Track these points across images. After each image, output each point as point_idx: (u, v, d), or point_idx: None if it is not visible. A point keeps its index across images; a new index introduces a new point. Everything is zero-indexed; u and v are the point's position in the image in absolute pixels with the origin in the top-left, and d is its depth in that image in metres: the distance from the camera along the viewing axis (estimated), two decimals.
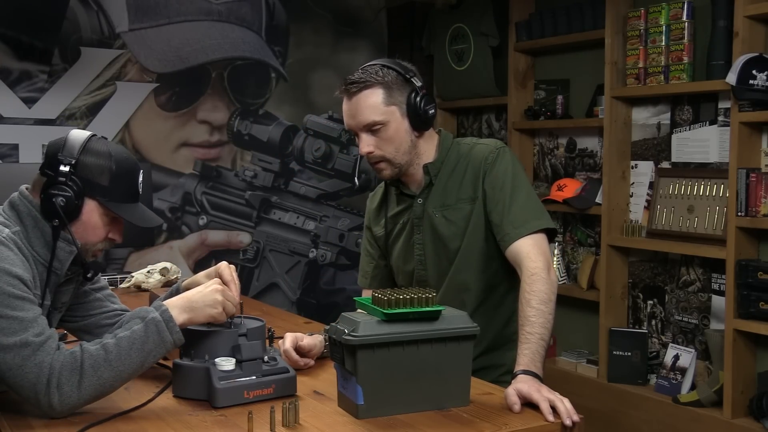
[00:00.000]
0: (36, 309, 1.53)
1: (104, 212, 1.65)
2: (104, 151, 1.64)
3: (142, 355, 1.54)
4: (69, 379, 1.49)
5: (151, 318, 1.57)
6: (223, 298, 1.65)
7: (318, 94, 4.34)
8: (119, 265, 3.76)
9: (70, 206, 1.60)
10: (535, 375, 1.62)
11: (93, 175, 1.62)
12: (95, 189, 1.62)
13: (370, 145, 1.90)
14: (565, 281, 3.83)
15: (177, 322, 1.58)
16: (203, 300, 1.63)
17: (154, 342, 1.55)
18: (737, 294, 2.92)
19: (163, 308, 1.59)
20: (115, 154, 1.65)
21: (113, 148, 1.66)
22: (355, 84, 1.88)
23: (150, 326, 1.56)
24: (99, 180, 1.62)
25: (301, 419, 1.50)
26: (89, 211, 1.63)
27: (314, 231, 4.34)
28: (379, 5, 4.52)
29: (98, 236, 1.66)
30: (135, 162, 1.70)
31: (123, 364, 1.53)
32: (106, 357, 1.51)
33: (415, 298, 1.53)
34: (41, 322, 1.52)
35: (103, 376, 1.51)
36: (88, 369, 1.50)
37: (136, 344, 1.54)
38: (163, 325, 1.56)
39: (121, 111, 3.80)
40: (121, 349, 1.53)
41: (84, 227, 1.64)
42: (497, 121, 4.34)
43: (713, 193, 3.16)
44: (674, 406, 3.14)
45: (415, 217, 2.00)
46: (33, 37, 3.58)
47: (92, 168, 1.62)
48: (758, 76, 2.83)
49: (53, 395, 1.48)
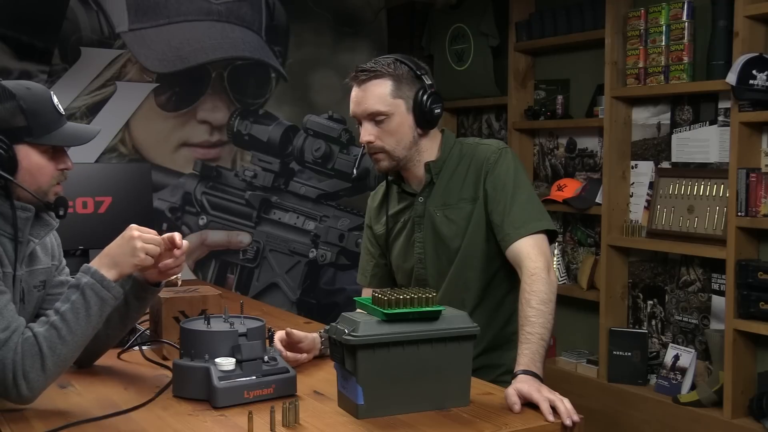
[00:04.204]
0: (2, 299, 1.51)
1: (40, 149, 1.61)
2: (5, 94, 1.57)
3: (88, 320, 1.55)
4: (32, 366, 1.49)
5: (85, 282, 1.56)
6: (142, 244, 1.61)
7: (318, 94, 4.34)
8: None
9: (4, 161, 1.56)
10: (535, 375, 1.62)
11: (7, 122, 1.57)
12: (18, 133, 1.57)
13: (372, 135, 1.91)
14: (565, 281, 3.82)
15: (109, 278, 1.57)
16: (122, 251, 1.61)
17: (96, 304, 1.56)
18: (737, 294, 2.92)
19: (92, 269, 1.58)
20: (17, 90, 1.59)
21: (12, 86, 1.60)
22: (366, 72, 1.90)
23: (87, 291, 1.55)
24: (16, 123, 1.57)
25: (301, 419, 1.50)
26: (25, 156, 1.59)
27: (314, 231, 4.34)
28: (379, 5, 4.53)
29: (47, 174, 1.63)
30: (42, 88, 1.64)
31: (75, 336, 1.53)
32: (58, 334, 1.52)
33: (415, 298, 1.53)
34: (7, 314, 1.51)
35: (62, 353, 1.52)
36: (47, 351, 1.50)
37: (81, 312, 1.54)
38: (99, 286, 1.56)
39: (121, 111, 3.80)
40: (68, 322, 1.53)
41: (30, 173, 1.60)
42: (497, 121, 4.34)
43: (713, 193, 3.16)
44: (674, 406, 3.14)
45: (416, 216, 2.00)
46: (33, 37, 3.58)
47: (3, 116, 1.57)
48: (758, 76, 2.83)
49: (21, 386, 1.49)
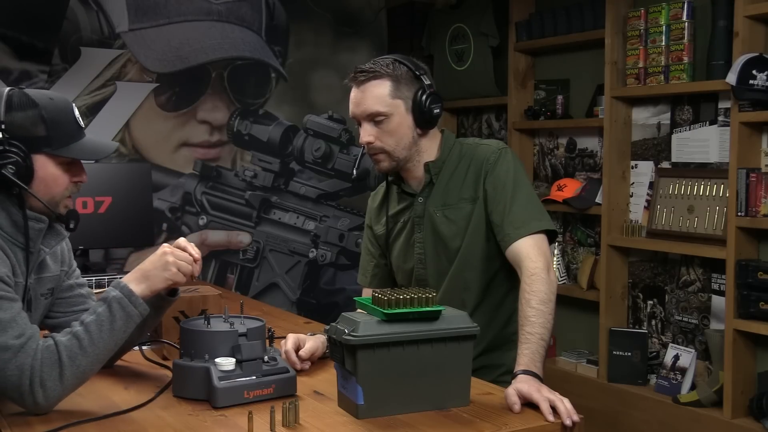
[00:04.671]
0: (15, 307, 1.50)
1: (57, 160, 1.60)
2: (28, 102, 1.56)
3: (112, 334, 1.55)
4: (50, 374, 1.49)
5: (113, 297, 1.56)
6: (174, 259, 1.62)
7: (318, 94, 4.34)
8: (119, 265, 3.76)
9: (21, 170, 1.54)
10: (535, 375, 1.62)
11: (28, 131, 1.55)
12: (37, 143, 1.56)
13: (371, 135, 1.91)
14: (565, 281, 3.82)
15: (137, 293, 1.58)
16: (154, 266, 1.62)
17: (121, 319, 1.55)
18: (737, 294, 2.92)
19: (122, 284, 1.58)
20: (40, 100, 1.58)
21: (35, 95, 1.58)
22: (365, 73, 1.90)
23: (113, 305, 1.55)
24: (36, 132, 1.56)
25: (301, 419, 1.50)
26: (42, 166, 1.58)
27: (314, 231, 4.34)
28: (379, 5, 4.52)
29: (61, 185, 1.62)
30: (64, 100, 1.63)
31: (97, 348, 1.53)
32: (80, 345, 1.51)
33: (415, 298, 1.53)
34: (21, 322, 1.49)
35: (82, 364, 1.51)
36: (66, 361, 1.50)
37: (105, 326, 1.54)
38: (126, 300, 1.56)
39: (121, 111, 3.80)
40: (92, 333, 1.53)
41: (44, 183, 1.59)
42: (497, 121, 4.34)
43: (713, 193, 3.16)
44: (674, 406, 3.14)
45: (416, 216, 2.00)
46: (33, 37, 3.58)
47: (24, 124, 1.55)
48: (758, 76, 2.83)
49: (37, 393, 1.48)
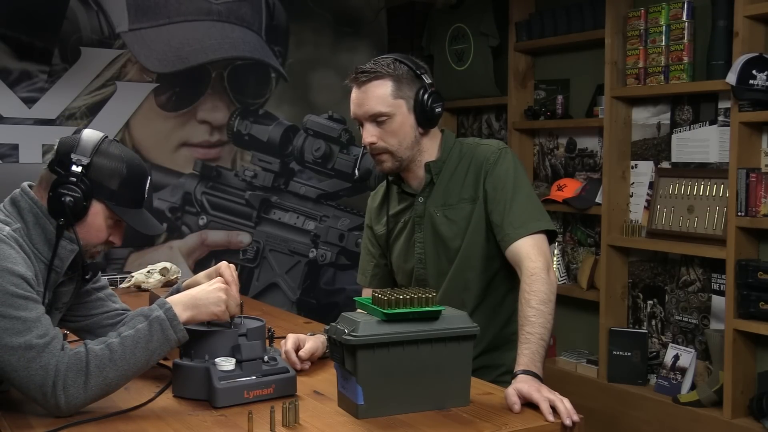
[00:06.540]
0: (39, 308, 1.53)
1: (109, 215, 1.66)
2: (117, 155, 1.65)
3: (146, 353, 1.55)
4: (75, 380, 1.49)
5: (155, 316, 1.57)
6: (226, 297, 1.66)
7: (318, 94, 4.34)
8: (119, 265, 3.76)
9: (77, 207, 1.61)
10: (535, 375, 1.62)
11: (104, 178, 1.63)
12: (104, 192, 1.63)
13: (374, 136, 1.91)
14: (565, 281, 3.82)
15: (180, 319, 1.59)
16: (207, 298, 1.64)
17: (158, 340, 1.56)
18: (737, 294, 2.92)
19: (167, 306, 1.59)
20: (127, 158, 1.67)
21: (125, 153, 1.68)
22: (365, 74, 1.89)
23: (154, 324, 1.56)
24: (109, 183, 1.63)
25: (301, 419, 1.50)
26: (95, 213, 1.64)
27: (314, 231, 4.34)
28: (379, 5, 4.52)
29: (100, 238, 1.67)
30: (145, 168, 1.72)
31: (128, 363, 1.53)
32: (111, 357, 1.52)
33: (415, 298, 1.53)
34: (45, 322, 1.51)
35: (109, 376, 1.52)
36: (94, 369, 1.50)
37: (141, 343, 1.54)
38: (167, 323, 1.57)
39: (121, 111, 3.80)
40: (126, 348, 1.53)
41: (87, 228, 1.64)
42: (497, 121, 4.34)
43: (713, 193, 3.16)
44: (674, 406, 3.14)
45: (416, 216, 2.00)
46: (33, 37, 3.58)
47: (104, 170, 1.63)
48: (758, 76, 2.83)
49: (60, 397, 1.49)
